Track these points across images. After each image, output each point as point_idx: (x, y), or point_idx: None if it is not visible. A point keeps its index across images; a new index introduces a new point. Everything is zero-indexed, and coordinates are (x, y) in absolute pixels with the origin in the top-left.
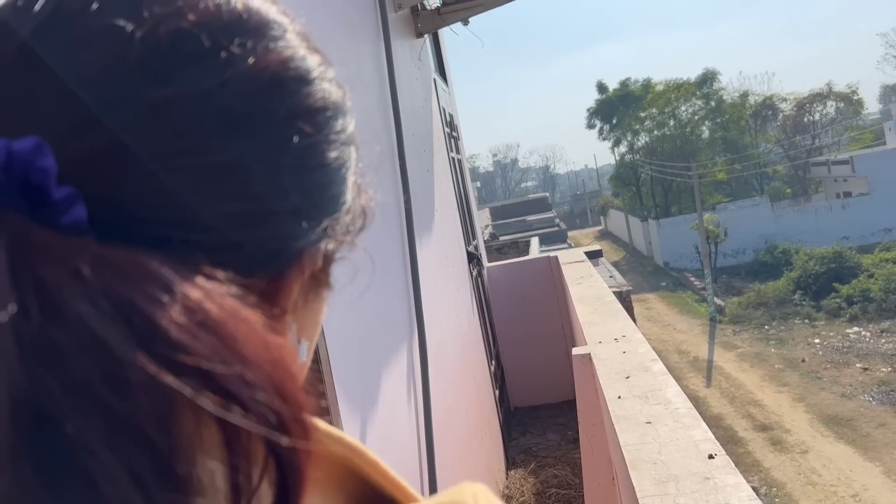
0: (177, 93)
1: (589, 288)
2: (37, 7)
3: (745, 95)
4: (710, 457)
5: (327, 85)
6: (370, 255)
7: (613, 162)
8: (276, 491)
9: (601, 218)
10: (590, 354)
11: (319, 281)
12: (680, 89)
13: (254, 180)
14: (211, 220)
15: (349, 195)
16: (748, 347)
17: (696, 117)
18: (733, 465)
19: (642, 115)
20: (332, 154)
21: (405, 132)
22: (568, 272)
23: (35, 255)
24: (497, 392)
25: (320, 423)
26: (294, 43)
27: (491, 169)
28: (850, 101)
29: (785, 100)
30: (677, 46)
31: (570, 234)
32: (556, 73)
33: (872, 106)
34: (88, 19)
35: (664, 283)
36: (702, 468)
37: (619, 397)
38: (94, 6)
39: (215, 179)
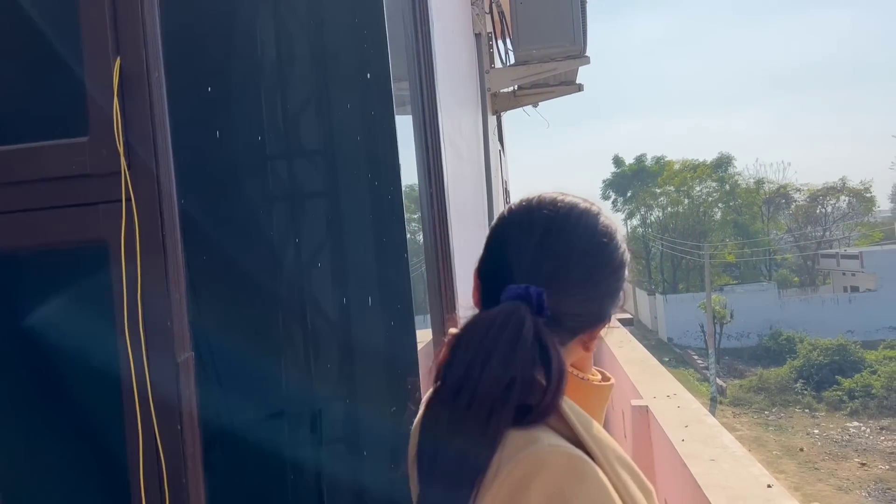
0: (601, 258)
1: (632, 351)
2: (546, 215)
3: (759, 182)
4: (769, 486)
5: (624, 244)
6: None
7: (625, 233)
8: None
9: None
10: (647, 406)
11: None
12: (696, 170)
13: (599, 287)
14: (577, 309)
15: (624, 287)
16: (747, 431)
17: (710, 199)
18: (788, 493)
19: (657, 191)
20: (625, 272)
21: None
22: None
23: (541, 330)
24: None
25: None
26: (622, 235)
27: None
28: (863, 198)
29: (799, 190)
30: (693, 128)
31: None
32: (571, 141)
33: (884, 204)
34: (573, 227)
35: (667, 359)
36: (764, 493)
37: (683, 440)
38: (571, 222)
39: (585, 288)
